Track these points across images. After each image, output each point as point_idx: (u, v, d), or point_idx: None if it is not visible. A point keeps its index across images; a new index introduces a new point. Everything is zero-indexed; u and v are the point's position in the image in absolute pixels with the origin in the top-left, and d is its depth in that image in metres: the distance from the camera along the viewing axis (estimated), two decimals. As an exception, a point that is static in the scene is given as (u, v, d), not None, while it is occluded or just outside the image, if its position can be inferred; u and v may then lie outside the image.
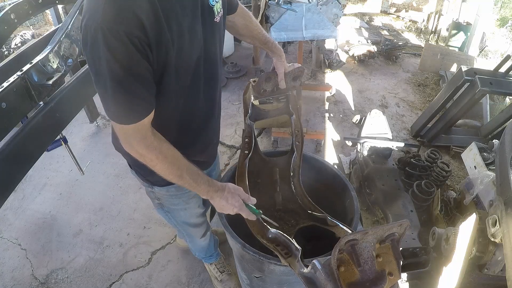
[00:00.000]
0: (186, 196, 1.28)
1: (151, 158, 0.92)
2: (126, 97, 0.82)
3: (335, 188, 1.42)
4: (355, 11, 6.15)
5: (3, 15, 1.69)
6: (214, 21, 0.99)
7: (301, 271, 0.90)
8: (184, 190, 1.24)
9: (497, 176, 1.45)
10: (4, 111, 1.16)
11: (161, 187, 1.21)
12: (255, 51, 3.72)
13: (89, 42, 0.76)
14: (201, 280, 1.93)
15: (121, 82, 0.79)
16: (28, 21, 2.74)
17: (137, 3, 0.75)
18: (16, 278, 1.96)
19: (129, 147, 0.91)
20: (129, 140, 0.89)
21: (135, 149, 0.91)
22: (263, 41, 1.32)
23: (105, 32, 0.73)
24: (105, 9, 0.73)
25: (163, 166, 0.93)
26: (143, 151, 0.90)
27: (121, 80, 0.79)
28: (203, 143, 1.21)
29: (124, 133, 0.89)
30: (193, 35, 0.91)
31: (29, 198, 2.46)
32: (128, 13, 0.75)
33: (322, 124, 3.22)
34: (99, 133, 3.08)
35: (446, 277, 1.52)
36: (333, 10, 2.70)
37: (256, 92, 1.36)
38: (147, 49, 0.79)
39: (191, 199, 1.31)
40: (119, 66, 0.77)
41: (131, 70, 0.79)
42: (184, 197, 1.28)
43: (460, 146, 2.78)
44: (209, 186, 1.02)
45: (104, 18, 0.73)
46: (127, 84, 0.80)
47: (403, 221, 0.79)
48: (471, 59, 3.98)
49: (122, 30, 0.74)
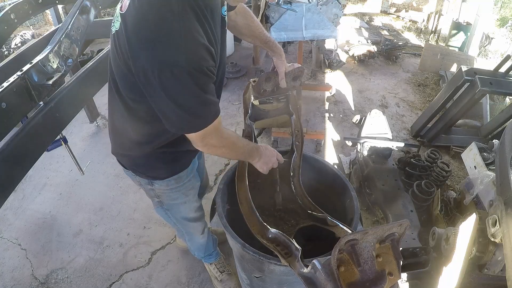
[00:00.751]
0: (184, 188, 1.30)
1: (228, 145, 1.07)
2: (204, 109, 0.92)
3: (335, 188, 1.42)
4: (355, 11, 6.15)
5: (3, 15, 1.69)
6: (225, 29, 1.07)
7: (301, 271, 0.90)
8: (182, 182, 1.27)
9: (497, 176, 1.45)
10: (4, 111, 1.16)
11: (162, 181, 1.23)
12: (255, 51, 3.72)
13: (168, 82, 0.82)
14: (201, 280, 1.93)
15: (202, 102, 0.89)
16: (28, 21, 2.74)
17: (202, 36, 0.84)
18: (16, 278, 1.96)
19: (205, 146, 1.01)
20: (207, 138, 0.99)
21: (211, 145, 1.01)
22: (264, 41, 1.33)
23: (192, 72, 0.82)
24: (187, 52, 0.80)
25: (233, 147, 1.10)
26: (222, 141, 1.03)
27: (201, 101, 0.89)
28: None
29: (203, 135, 0.96)
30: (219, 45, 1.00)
31: (29, 198, 2.46)
32: (204, 50, 0.84)
33: (322, 124, 3.22)
34: (99, 133, 3.08)
35: (446, 277, 1.52)
36: (333, 10, 2.70)
37: (256, 92, 1.36)
38: (215, 70, 0.92)
39: (189, 191, 1.34)
40: (202, 92, 0.87)
41: (209, 90, 0.90)
42: (183, 189, 1.30)
43: (460, 146, 2.78)
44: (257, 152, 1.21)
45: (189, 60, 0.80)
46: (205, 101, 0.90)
47: (403, 221, 0.79)
48: (471, 59, 3.98)
49: (204, 66, 0.84)
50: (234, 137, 1.11)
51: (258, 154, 1.22)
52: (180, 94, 0.85)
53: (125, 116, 1.04)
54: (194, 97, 0.86)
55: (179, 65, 0.79)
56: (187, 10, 0.81)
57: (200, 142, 1.00)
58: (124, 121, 1.07)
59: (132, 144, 1.12)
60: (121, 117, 1.07)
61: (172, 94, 0.84)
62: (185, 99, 0.87)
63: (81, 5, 1.70)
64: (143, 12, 0.81)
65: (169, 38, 0.78)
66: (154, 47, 0.79)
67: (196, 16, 0.84)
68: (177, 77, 0.81)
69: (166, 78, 0.80)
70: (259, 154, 1.23)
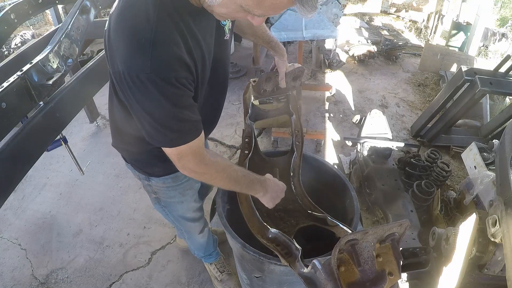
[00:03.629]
0: (181, 188, 1.29)
1: (211, 174, 0.99)
2: (178, 125, 0.87)
3: (335, 188, 1.42)
4: (355, 11, 6.15)
5: (3, 15, 1.69)
6: (224, 39, 1.03)
7: (301, 271, 0.90)
8: (180, 181, 1.26)
9: (497, 176, 1.45)
10: (4, 111, 1.16)
11: (158, 178, 1.22)
12: (255, 51, 3.72)
13: (136, 88, 0.79)
14: (201, 280, 1.93)
15: (174, 116, 0.85)
16: (28, 21, 2.74)
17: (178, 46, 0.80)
18: (16, 278, 1.96)
19: (185, 170, 0.96)
20: (185, 164, 0.94)
21: (191, 170, 0.96)
22: (267, 40, 1.33)
23: (156, 80, 0.78)
24: (152, 59, 0.77)
25: (222, 177, 1.01)
26: (202, 169, 0.97)
27: (173, 115, 0.84)
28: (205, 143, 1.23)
29: (179, 155, 0.92)
30: (209, 55, 0.96)
31: (29, 198, 2.46)
32: (176, 61, 0.80)
33: (322, 124, 3.22)
34: (99, 133, 3.08)
35: (446, 277, 1.52)
36: (333, 10, 2.71)
37: (256, 92, 1.36)
38: (192, 83, 0.87)
39: (187, 191, 1.33)
40: (171, 104, 0.82)
41: (183, 105, 0.85)
42: (180, 189, 1.29)
43: (460, 146, 2.78)
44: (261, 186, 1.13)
45: (154, 68, 0.77)
46: (179, 116, 0.85)
47: (403, 221, 0.79)
48: (471, 59, 3.98)
49: (173, 76, 0.80)
50: (222, 166, 1.01)
51: (263, 188, 1.13)
52: (146, 101, 0.82)
53: (122, 113, 1.04)
54: (160, 107, 0.82)
55: (144, 72, 0.77)
56: (164, 20, 0.79)
57: (178, 162, 0.95)
58: (121, 118, 1.07)
59: (130, 139, 1.12)
60: (118, 113, 1.07)
61: (139, 99, 0.82)
62: (151, 108, 0.83)
63: (81, 5, 1.70)
64: (122, 15, 0.81)
65: (140, 46, 0.77)
66: (126, 51, 0.78)
67: (176, 26, 0.81)
68: (142, 83, 0.78)
69: (133, 83, 0.79)
70: (264, 188, 1.14)
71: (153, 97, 0.80)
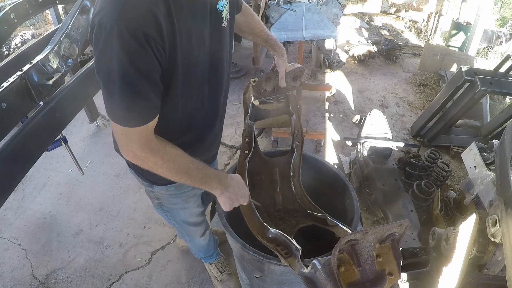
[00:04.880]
0: (185, 195, 1.28)
1: (155, 161, 0.90)
2: (134, 98, 0.80)
3: (335, 188, 1.42)
4: (355, 11, 6.15)
5: (3, 15, 1.69)
6: (222, 26, 0.99)
7: (301, 271, 0.90)
8: (183, 189, 1.24)
9: (497, 176, 1.45)
10: (4, 111, 1.16)
11: (161, 186, 1.21)
12: (255, 51, 3.72)
13: (102, 39, 0.74)
14: (201, 280, 1.93)
15: (131, 83, 0.77)
16: (28, 21, 2.74)
17: (156, 5, 0.75)
18: (16, 278, 1.96)
19: (128, 152, 0.89)
20: (130, 144, 0.87)
21: (134, 153, 0.89)
22: (265, 39, 1.32)
23: (122, 30, 0.72)
24: (124, 8, 0.72)
25: (169, 166, 0.92)
26: (147, 154, 0.88)
27: (131, 81, 0.77)
28: (204, 145, 1.21)
29: (126, 136, 0.86)
30: (200, 41, 0.91)
31: (29, 198, 2.46)
32: (147, 14, 0.74)
33: (322, 124, 3.22)
34: (99, 133, 3.08)
35: (446, 277, 1.52)
36: (333, 10, 2.71)
37: (256, 92, 1.36)
38: (161, 51, 0.79)
39: (190, 198, 1.31)
40: (132, 66, 0.75)
41: (144, 71, 0.78)
42: (184, 196, 1.28)
43: (460, 146, 2.78)
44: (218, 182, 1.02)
45: (123, 16, 0.72)
46: (137, 85, 0.78)
47: (403, 221, 0.79)
48: (471, 59, 3.98)
49: (140, 30, 0.73)
50: (171, 154, 0.92)
51: (221, 186, 1.02)
52: (106, 54, 0.75)
53: None
54: (117, 62, 0.74)
55: (112, 19, 0.72)
56: None
57: (122, 145, 0.88)
58: None
59: None
60: None
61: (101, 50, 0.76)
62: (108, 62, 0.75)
63: (81, 5, 1.70)
64: None
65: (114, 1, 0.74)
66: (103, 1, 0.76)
67: None
68: (108, 33, 0.73)
69: (100, 33, 0.74)
70: (222, 186, 1.02)
71: (114, 49, 0.73)
